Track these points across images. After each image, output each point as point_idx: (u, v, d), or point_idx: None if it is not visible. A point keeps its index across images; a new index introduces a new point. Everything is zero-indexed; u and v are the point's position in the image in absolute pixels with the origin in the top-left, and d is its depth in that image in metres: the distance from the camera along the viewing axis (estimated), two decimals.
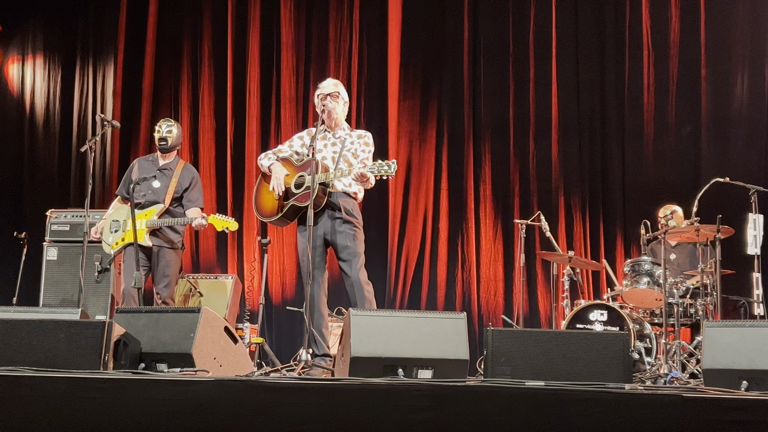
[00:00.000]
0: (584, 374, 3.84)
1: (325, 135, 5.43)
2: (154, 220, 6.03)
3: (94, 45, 9.29)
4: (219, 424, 3.34)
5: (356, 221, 5.31)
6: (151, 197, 6.13)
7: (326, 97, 5.40)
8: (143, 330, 4.25)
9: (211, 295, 7.12)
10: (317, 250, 5.24)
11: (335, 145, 5.39)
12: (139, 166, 6.32)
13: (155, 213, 6.07)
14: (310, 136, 5.41)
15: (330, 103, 5.39)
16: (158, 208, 6.10)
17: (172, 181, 6.17)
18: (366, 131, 5.58)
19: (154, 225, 6.03)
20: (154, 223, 6.03)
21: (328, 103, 5.39)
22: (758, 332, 3.98)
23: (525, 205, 8.18)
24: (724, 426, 3.11)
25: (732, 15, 7.99)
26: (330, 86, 5.47)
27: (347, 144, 5.39)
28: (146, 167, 6.26)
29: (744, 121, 7.86)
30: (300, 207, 5.26)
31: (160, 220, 6.04)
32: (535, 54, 8.38)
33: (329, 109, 5.38)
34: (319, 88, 5.50)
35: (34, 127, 9.31)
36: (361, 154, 5.38)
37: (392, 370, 4.00)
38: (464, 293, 8.21)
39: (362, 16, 8.78)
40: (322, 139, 5.40)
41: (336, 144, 5.39)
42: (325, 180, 5.18)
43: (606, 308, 6.50)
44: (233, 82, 8.92)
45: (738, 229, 6.11)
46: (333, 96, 5.42)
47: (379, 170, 5.02)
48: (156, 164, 6.26)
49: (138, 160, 6.46)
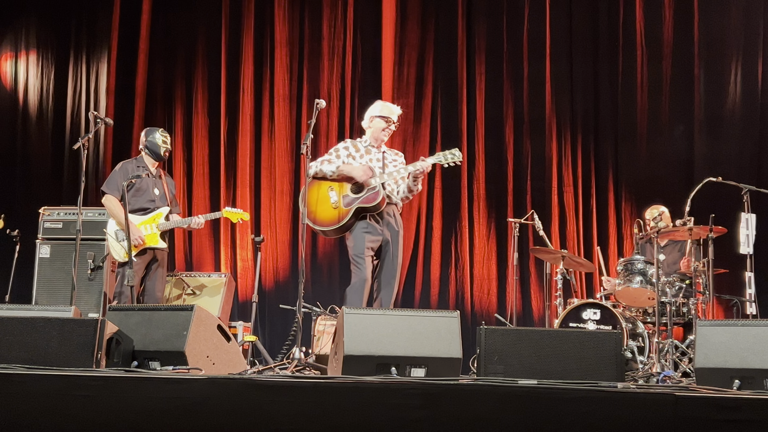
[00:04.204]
0: (577, 373, 3.85)
1: (368, 149, 5.70)
2: (164, 222, 6.29)
3: (87, 42, 9.25)
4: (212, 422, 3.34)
5: (402, 232, 5.63)
6: (158, 203, 6.37)
7: (396, 122, 5.68)
8: (136, 328, 4.25)
9: (204, 293, 7.12)
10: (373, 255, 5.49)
11: (379, 161, 5.65)
12: (132, 169, 6.42)
13: (163, 216, 6.33)
14: (355, 147, 5.70)
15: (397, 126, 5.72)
16: (165, 211, 6.36)
17: (164, 188, 6.44)
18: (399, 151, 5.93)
19: (166, 227, 6.30)
20: (165, 225, 6.29)
21: (396, 126, 5.71)
22: (750, 331, 3.99)
23: (518, 204, 8.19)
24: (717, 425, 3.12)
25: (725, 15, 8.01)
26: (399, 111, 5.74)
27: (389, 158, 5.71)
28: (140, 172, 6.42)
29: (737, 120, 7.88)
30: (366, 208, 5.44)
31: (168, 223, 6.31)
32: (529, 53, 8.39)
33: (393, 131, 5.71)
34: (396, 109, 5.72)
35: (27, 124, 9.28)
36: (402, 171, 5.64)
37: (385, 369, 4.00)
38: (457, 292, 8.21)
39: (356, 14, 8.78)
40: (367, 153, 5.68)
41: (380, 159, 5.66)
42: (385, 180, 5.45)
43: (599, 307, 6.51)
44: (227, 80, 8.90)
45: (730, 228, 6.13)
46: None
47: (446, 158, 5.30)
48: (148, 170, 6.44)
49: (126, 164, 6.52)
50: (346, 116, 8.58)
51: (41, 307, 4.94)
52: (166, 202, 6.40)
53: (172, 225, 6.31)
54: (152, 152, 6.45)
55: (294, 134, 8.70)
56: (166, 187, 6.47)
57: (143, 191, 6.31)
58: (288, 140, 8.69)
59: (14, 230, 7.27)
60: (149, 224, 6.24)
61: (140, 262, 6.19)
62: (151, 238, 6.19)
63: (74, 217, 6.78)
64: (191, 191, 8.77)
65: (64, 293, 6.78)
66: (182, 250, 8.64)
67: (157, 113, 8.98)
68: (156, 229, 6.25)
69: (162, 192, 6.41)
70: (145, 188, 6.33)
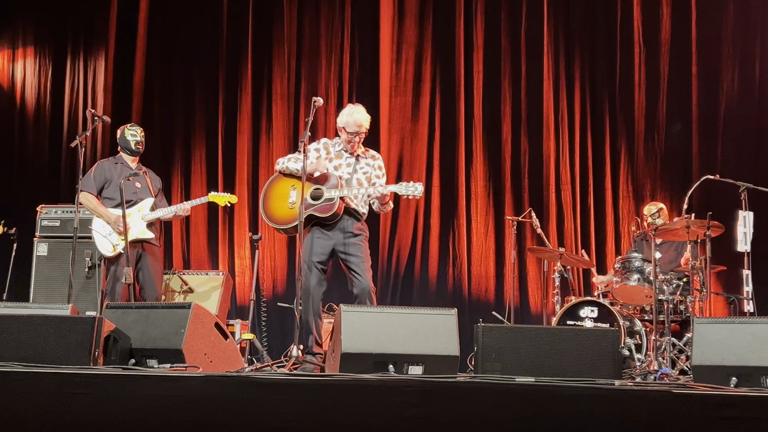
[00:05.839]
0: (574, 370, 3.85)
1: (340, 153, 5.64)
2: (149, 213, 6.22)
3: (85, 40, 9.24)
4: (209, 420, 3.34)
5: (365, 235, 5.57)
6: (141, 195, 6.31)
7: (364, 133, 5.60)
8: (133, 326, 4.25)
9: (202, 291, 7.12)
10: (323, 261, 5.45)
11: (350, 166, 5.59)
12: (109, 166, 6.43)
13: (147, 207, 6.26)
14: (326, 149, 5.64)
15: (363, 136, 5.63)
16: (149, 202, 6.29)
17: (147, 181, 6.42)
18: (377, 153, 5.81)
19: (152, 217, 6.23)
20: (150, 215, 6.22)
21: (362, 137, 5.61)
22: (748, 329, 3.99)
23: (516, 202, 8.19)
24: (714, 422, 3.12)
25: (723, 13, 8.01)
26: (368, 122, 5.64)
27: (362, 164, 5.63)
28: (119, 169, 6.40)
29: (734, 118, 7.88)
30: (318, 217, 5.42)
31: (154, 213, 6.23)
32: (527, 51, 8.39)
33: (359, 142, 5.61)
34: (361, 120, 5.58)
35: (25, 122, 9.27)
36: (375, 179, 5.63)
37: (383, 366, 4.00)
38: (455, 290, 8.20)
39: (354, 12, 8.77)
40: (338, 157, 5.63)
41: (351, 165, 5.60)
42: (346, 195, 5.42)
43: (596, 305, 6.52)
44: (224, 78, 8.89)
45: (728, 226, 6.13)
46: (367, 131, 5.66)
47: (407, 190, 5.27)
48: (127, 166, 6.42)
49: (103, 162, 6.53)
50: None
51: (38, 305, 4.94)
52: (150, 194, 6.36)
53: (158, 214, 6.26)
54: (126, 148, 6.48)
55: (292, 132, 8.69)
56: (150, 181, 6.44)
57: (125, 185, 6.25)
58: (286, 138, 8.69)
59: (11, 228, 7.27)
60: (133, 215, 6.20)
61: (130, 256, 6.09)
62: (137, 228, 6.15)
63: (71, 215, 6.79)
64: (189, 189, 8.76)
65: (61, 291, 6.78)
66: (180, 248, 8.64)
67: (155, 111, 8.98)
68: (141, 220, 6.20)
69: (144, 185, 6.38)
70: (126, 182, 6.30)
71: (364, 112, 5.63)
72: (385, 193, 5.39)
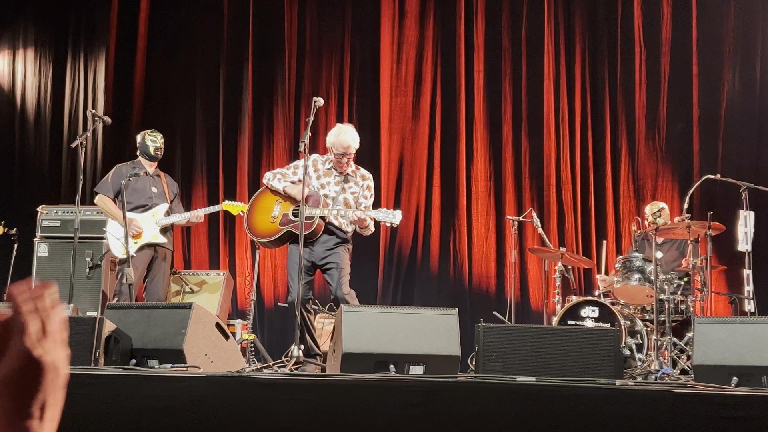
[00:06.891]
0: (575, 370, 3.85)
1: (329, 171, 5.60)
2: (163, 218, 6.30)
3: (85, 40, 9.24)
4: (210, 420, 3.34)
5: (348, 245, 5.54)
6: (156, 200, 6.39)
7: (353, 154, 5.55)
8: (134, 326, 4.25)
9: (203, 291, 7.12)
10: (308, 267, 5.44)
11: (338, 185, 5.56)
12: (127, 171, 6.45)
13: (162, 212, 6.34)
14: (314, 166, 5.59)
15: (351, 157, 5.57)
16: (164, 207, 6.37)
17: (164, 186, 6.48)
18: (368, 173, 5.74)
19: (166, 222, 6.30)
20: (164, 221, 6.29)
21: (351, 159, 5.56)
22: (748, 328, 4.00)
23: (517, 202, 8.19)
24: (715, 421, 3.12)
25: (724, 12, 8.01)
26: (356, 142, 5.57)
27: (351, 184, 5.58)
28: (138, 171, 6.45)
29: (735, 118, 7.88)
30: (296, 234, 5.36)
31: (168, 218, 6.31)
32: (528, 51, 8.39)
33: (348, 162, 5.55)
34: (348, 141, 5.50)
35: (25, 122, 9.27)
36: (363, 200, 5.57)
37: (384, 366, 4.00)
38: (456, 289, 8.20)
39: (355, 12, 8.77)
40: (327, 175, 5.59)
41: (339, 183, 5.56)
42: (326, 215, 5.39)
43: (597, 305, 6.51)
44: (225, 78, 8.89)
45: (729, 225, 6.13)
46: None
47: (385, 217, 5.23)
48: (145, 170, 6.47)
49: (121, 167, 6.54)
50: (345, 114, 8.57)
51: None
52: (165, 199, 6.40)
53: (171, 220, 6.33)
54: (144, 153, 6.53)
55: (292, 132, 8.69)
56: (166, 186, 6.50)
57: (140, 189, 6.34)
58: (286, 138, 8.69)
59: (12, 228, 7.27)
60: (147, 219, 6.26)
61: (141, 259, 6.18)
62: (150, 231, 6.20)
63: (72, 215, 6.78)
64: (190, 190, 8.76)
65: (62, 291, 6.77)
66: (181, 249, 8.63)
67: (155, 111, 8.97)
68: (155, 224, 6.26)
69: (160, 190, 6.43)
70: (142, 187, 6.36)
71: (351, 132, 5.57)
72: (362, 218, 5.27)
